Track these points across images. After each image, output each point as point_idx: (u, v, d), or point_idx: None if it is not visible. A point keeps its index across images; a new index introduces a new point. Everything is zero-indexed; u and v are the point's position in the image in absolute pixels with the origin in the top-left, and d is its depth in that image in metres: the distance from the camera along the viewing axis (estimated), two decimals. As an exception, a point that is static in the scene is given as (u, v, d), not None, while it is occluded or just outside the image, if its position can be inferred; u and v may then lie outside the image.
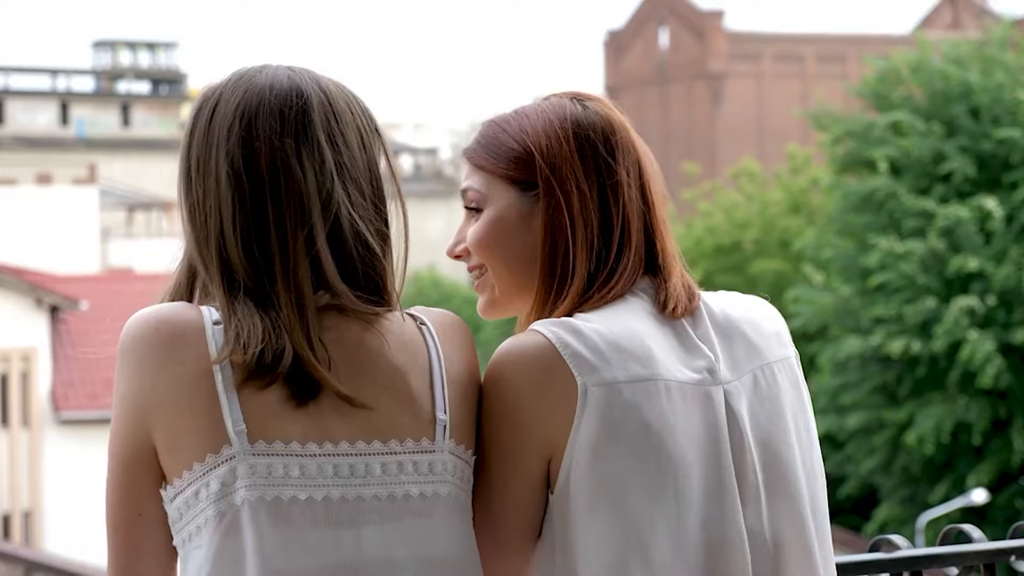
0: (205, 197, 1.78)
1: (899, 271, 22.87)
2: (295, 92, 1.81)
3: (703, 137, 60.77)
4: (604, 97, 2.01)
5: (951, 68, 24.56)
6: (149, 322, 1.73)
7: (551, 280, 1.91)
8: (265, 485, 1.69)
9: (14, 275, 24.03)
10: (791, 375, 1.95)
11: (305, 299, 1.74)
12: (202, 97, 1.85)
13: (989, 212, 22.81)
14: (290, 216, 1.76)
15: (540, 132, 1.93)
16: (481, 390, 1.85)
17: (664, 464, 1.79)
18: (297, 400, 1.72)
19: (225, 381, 1.70)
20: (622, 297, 1.89)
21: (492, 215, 1.95)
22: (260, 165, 1.77)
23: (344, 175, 1.80)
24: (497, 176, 1.95)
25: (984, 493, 21.45)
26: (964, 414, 22.63)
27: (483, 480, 1.84)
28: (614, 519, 1.78)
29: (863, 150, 24.84)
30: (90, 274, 29.11)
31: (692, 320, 1.91)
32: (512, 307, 1.99)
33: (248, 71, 1.85)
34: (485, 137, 1.99)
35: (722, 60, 60.90)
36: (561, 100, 1.98)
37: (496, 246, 1.95)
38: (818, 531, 1.92)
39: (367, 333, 1.77)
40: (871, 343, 23.03)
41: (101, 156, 57.53)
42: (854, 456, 24.88)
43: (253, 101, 1.80)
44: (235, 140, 1.78)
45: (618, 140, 1.95)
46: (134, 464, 1.73)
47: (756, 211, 33.49)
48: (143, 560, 1.74)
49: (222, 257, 1.76)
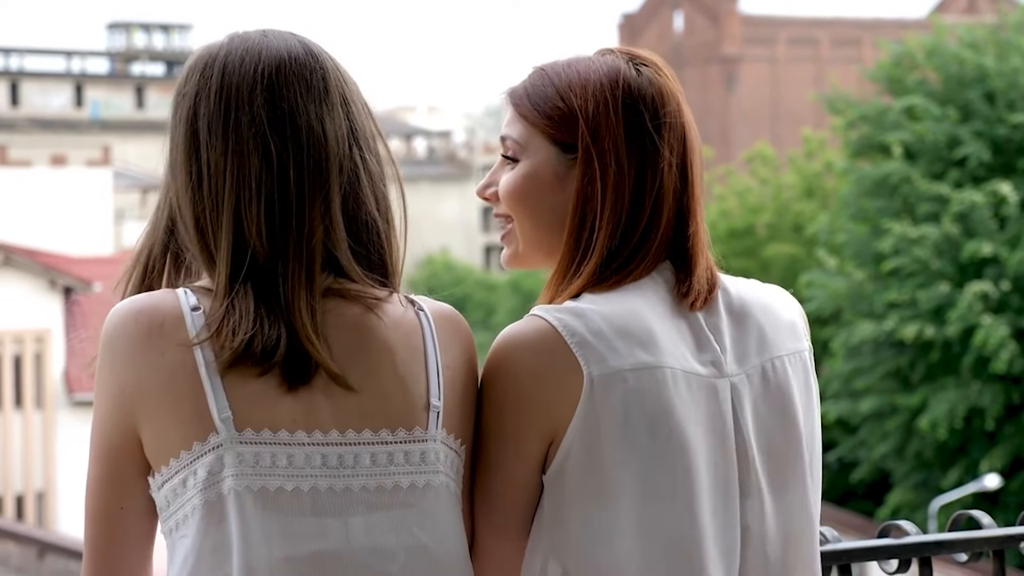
0: (223, 160, 1.73)
1: (913, 256, 22.81)
2: (312, 56, 1.79)
3: (717, 121, 60.62)
4: (659, 59, 1.93)
5: (966, 52, 24.46)
6: (128, 314, 1.71)
7: (575, 251, 1.86)
8: (252, 475, 1.67)
9: (28, 256, 24.07)
10: (802, 369, 1.91)
11: (315, 273, 1.72)
12: (204, 58, 1.79)
13: (1004, 197, 22.74)
14: (310, 181, 1.73)
15: (589, 94, 1.86)
16: (481, 379, 1.83)
17: (666, 453, 1.77)
18: (289, 384, 1.69)
19: (208, 368, 1.68)
20: (638, 281, 1.85)
21: (527, 169, 1.89)
22: (285, 127, 1.74)
23: (360, 139, 1.79)
24: (538, 130, 1.89)
25: (997, 478, 21.41)
26: (977, 399, 22.59)
27: (482, 464, 1.82)
28: (610, 505, 1.76)
29: (877, 134, 24.78)
30: (104, 256, 29.13)
31: (706, 311, 1.86)
32: (533, 261, 1.94)
33: (251, 34, 1.81)
34: (533, 86, 1.91)
35: (736, 44, 60.72)
36: (616, 61, 1.90)
37: (526, 201, 1.89)
38: (809, 529, 1.90)
39: (366, 316, 1.75)
40: (884, 328, 22.98)
41: (115, 138, 57.54)
42: (867, 441, 24.85)
43: (273, 63, 1.76)
44: (260, 101, 1.74)
45: (667, 113, 1.87)
46: (118, 455, 1.72)
47: (770, 195, 33.42)
48: (122, 552, 1.74)
49: (237, 227, 1.72)
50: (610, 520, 1.77)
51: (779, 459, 1.86)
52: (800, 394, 1.90)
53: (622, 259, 1.85)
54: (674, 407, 1.78)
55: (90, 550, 1.75)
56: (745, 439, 1.83)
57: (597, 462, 1.76)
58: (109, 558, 1.74)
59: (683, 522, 1.78)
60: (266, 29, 1.83)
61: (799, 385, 1.90)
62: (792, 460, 1.87)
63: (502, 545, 1.83)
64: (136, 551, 1.75)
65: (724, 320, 1.87)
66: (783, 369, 1.88)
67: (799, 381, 1.90)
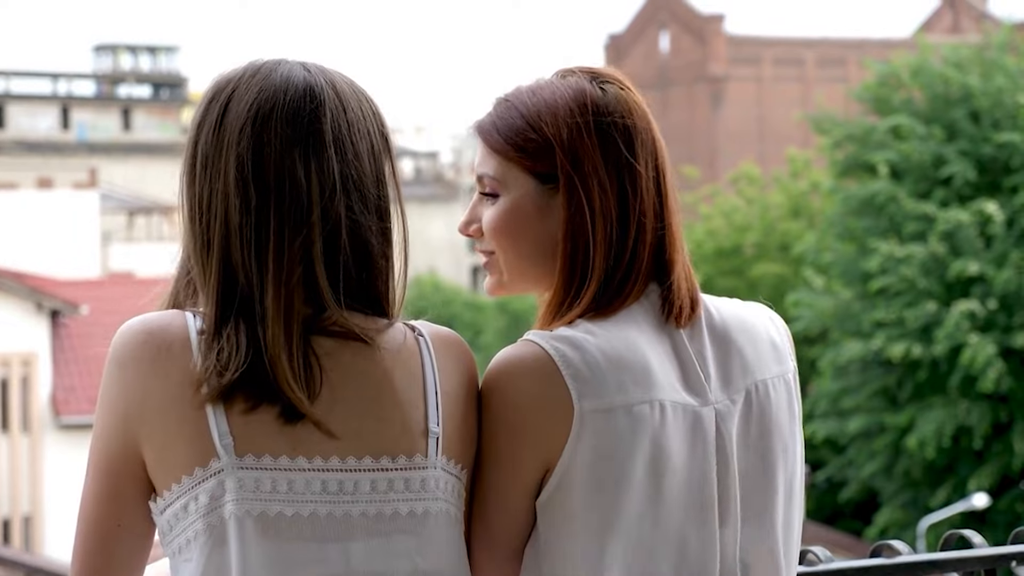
0: (211, 198, 1.75)
1: (900, 275, 22.86)
2: (309, 95, 1.77)
3: (703, 140, 60.76)
4: (621, 74, 1.93)
5: (951, 72, 24.56)
6: (137, 333, 1.72)
7: (571, 279, 1.86)
8: (253, 499, 1.67)
9: (15, 279, 24.01)
10: (785, 392, 1.91)
11: (294, 315, 1.71)
12: (215, 88, 1.80)
13: (990, 216, 22.81)
14: (289, 225, 1.73)
15: (560, 121, 1.85)
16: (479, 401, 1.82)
17: (655, 487, 1.78)
18: (285, 419, 1.70)
19: (212, 393, 1.68)
20: (630, 308, 1.84)
21: (509, 204, 1.89)
22: (268, 173, 1.73)
23: (349, 185, 1.76)
24: (514, 163, 1.88)
25: (985, 497, 21.43)
26: (965, 418, 22.61)
27: (479, 489, 1.82)
28: (598, 534, 1.77)
29: (863, 154, 24.84)
30: (91, 278, 29.08)
31: (690, 331, 1.86)
32: (518, 289, 1.94)
33: (264, 66, 1.80)
34: (501, 119, 1.90)
35: (722, 63, 60.90)
36: (580, 81, 1.89)
37: (512, 236, 1.89)
38: (787, 554, 1.90)
39: (363, 349, 1.75)
40: (872, 347, 23.01)
41: (102, 160, 57.54)
42: (855, 460, 24.86)
43: (267, 103, 1.75)
44: (246, 144, 1.74)
45: (636, 126, 1.87)
46: (119, 474, 1.72)
47: (756, 215, 33.49)
48: (116, 570, 1.73)
49: (225, 264, 1.73)
50: (598, 553, 1.77)
51: (759, 485, 1.87)
52: (784, 417, 1.90)
53: (617, 282, 1.85)
54: (665, 442, 1.79)
55: (80, 564, 1.74)
56: (728, 466, 1.83)
57: (587, 494, 1.77)
58: (101, 573, 1.73)
59: (669, 553, 1.79)
60: (280, 60, 1.82)
61: (782, 409, 1.90)
62: (772, 486, 1.88)
63: (499, 569, 1.82)
64: (128, 570, 1.74)
65: (707, 344, 1.87)
66: (766, 393, 1.88)
67: (782, 404, 1.90)
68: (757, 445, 1.86)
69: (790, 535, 1.91)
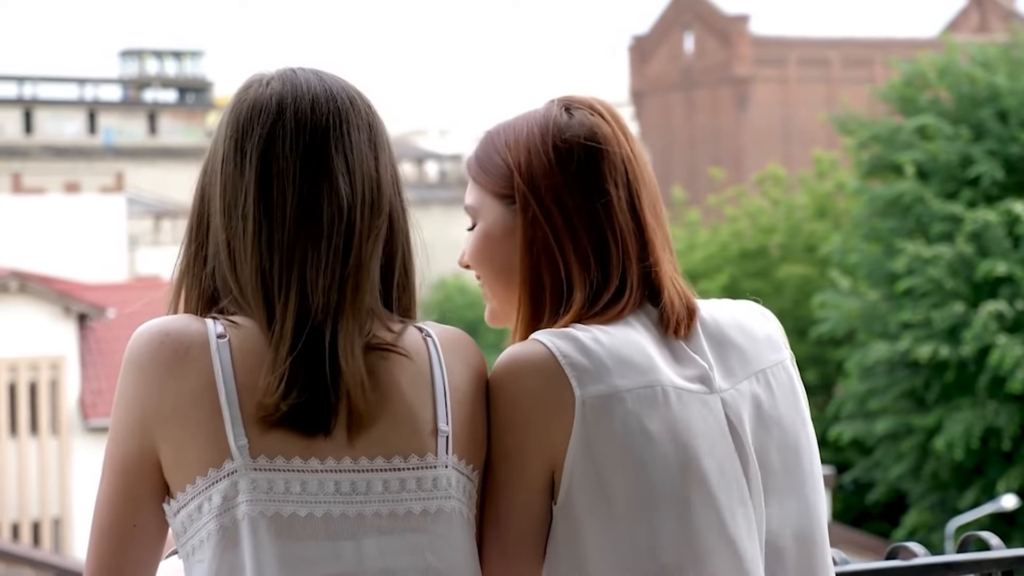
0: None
1: (927, 276, 22.77)
2: (329, 104, 1.80)
3: (729, 142, 60.64)
4: (597, 102, 1.97)
5: (978, 71, 24.45)
6: (155, 335, 1.73)
7: (536, 293, 1.91)
8: (266, 500, 1.69)
9: (43, 283, 24.14)
10: (787, 378, 1.95)
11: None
12: (239, 96, 1.83)
13: (1017, 216, 22.70)
14: (304, 240, 1.75)
15: (522, 146, 1.93)
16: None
17: (668, 470, 1.80)
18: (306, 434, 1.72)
19: (229, 396, 1.70)
20: (627, 318, 1.88)
21: (481, 230, 1.97)
22: (288, 191, 1.75)
23: (362, 198, 1.78)
24: (487, 191, 1.96)
25: (1014, 499, 21.30)
26: (993, 419, 22.50)
27: (490, 487, 1.84)
28: (621, 528, 1.78)
29: (889, 154, 24.75)
30: (118, 282, 29.21)
31: (687, 340, 1.90)
32: (510, 318, 1.98)
33: (286, 79, 1.82)
34: (482, 150, 1.99)
35: (747, 65, 60.76)
36: (550, 108, 1.96)
37: (485, 261, 1.96)
38: (818, 533, 1.92)
39: (382, 357, 1.77)
40: (899, 348, 22.93)
41: (128, 165, 57.78)
42: (882, 462, 24.77)
43: (290, 124, 1.77)
44: (260, 161, 1.77)
45: (602, 152, 1.92)
46: (135, 474, 1.74)
47: (782, 216, 33.39)
48: (129, 569, 1.75)
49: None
50: (625, 541, 1.78)
51: (778, 467, 1.89)
52: (789, 400, 1.93)
53: (611, 293, 1.89)
54: (671, 424, 1.81)
55: (95, 567, 1.76)
56: (745, 451, 1.86)
57: (601, 485, 1.78)
58: (115, 573, 1.75)
59: (692, 535, 1.80)
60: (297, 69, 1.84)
61: (786, 393, 1.94)
62: (791, 467, 1.90)
63: (511, 568, 1.84)
64: (143, 570, 1.76)
65: (705, 347, 1.91)
66: (767, 381, 1.92)
67: (786, 389, 1.94)
68: (769, 428, 1.89)
69: (817, 515, 1.93)
